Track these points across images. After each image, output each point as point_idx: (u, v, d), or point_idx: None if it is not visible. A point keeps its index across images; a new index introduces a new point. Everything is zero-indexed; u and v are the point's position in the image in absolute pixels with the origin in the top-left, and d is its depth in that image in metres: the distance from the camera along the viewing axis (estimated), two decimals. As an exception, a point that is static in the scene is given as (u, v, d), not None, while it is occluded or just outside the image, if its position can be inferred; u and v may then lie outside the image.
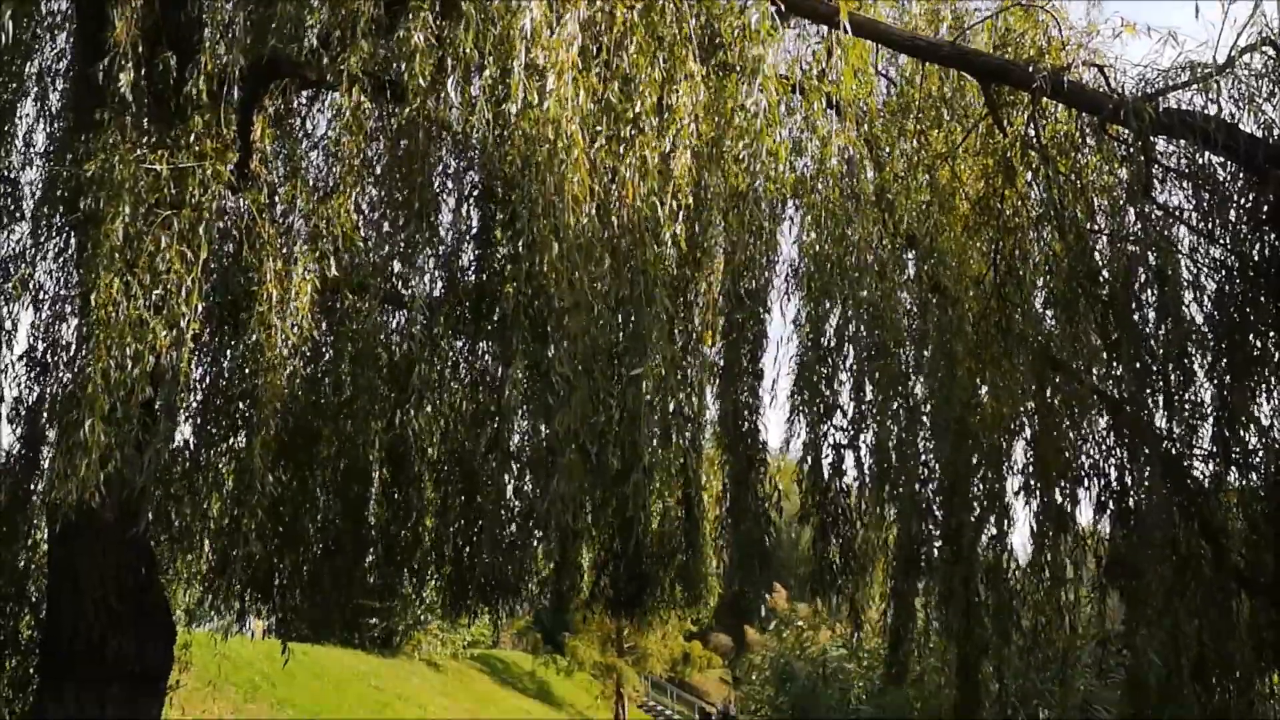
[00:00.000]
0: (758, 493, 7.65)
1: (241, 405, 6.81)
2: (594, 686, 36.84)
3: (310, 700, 17.85)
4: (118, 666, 7.04)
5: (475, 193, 7.93)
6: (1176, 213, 6.38)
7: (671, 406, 6.67)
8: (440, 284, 8.23)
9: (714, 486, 8.29)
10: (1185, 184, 6.37)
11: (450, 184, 8.04)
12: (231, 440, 7.18)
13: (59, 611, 7.15)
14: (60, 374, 6.68)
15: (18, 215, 7.38)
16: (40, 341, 7.18)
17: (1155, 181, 6.31)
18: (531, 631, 40.58)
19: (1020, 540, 7.24)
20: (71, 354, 6.09)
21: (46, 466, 6.73)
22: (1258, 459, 5.97)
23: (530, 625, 40.94)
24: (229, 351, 7.28)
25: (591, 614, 9.31)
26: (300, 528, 7.81)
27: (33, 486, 7.20)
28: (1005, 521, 6.83)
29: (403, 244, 7.90)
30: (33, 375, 7.23)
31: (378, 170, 7.38)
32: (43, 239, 7.25)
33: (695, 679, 46.94)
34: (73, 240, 7.07)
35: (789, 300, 7.91)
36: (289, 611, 8.79)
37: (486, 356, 8.05)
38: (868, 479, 7.45)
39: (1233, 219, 6.10)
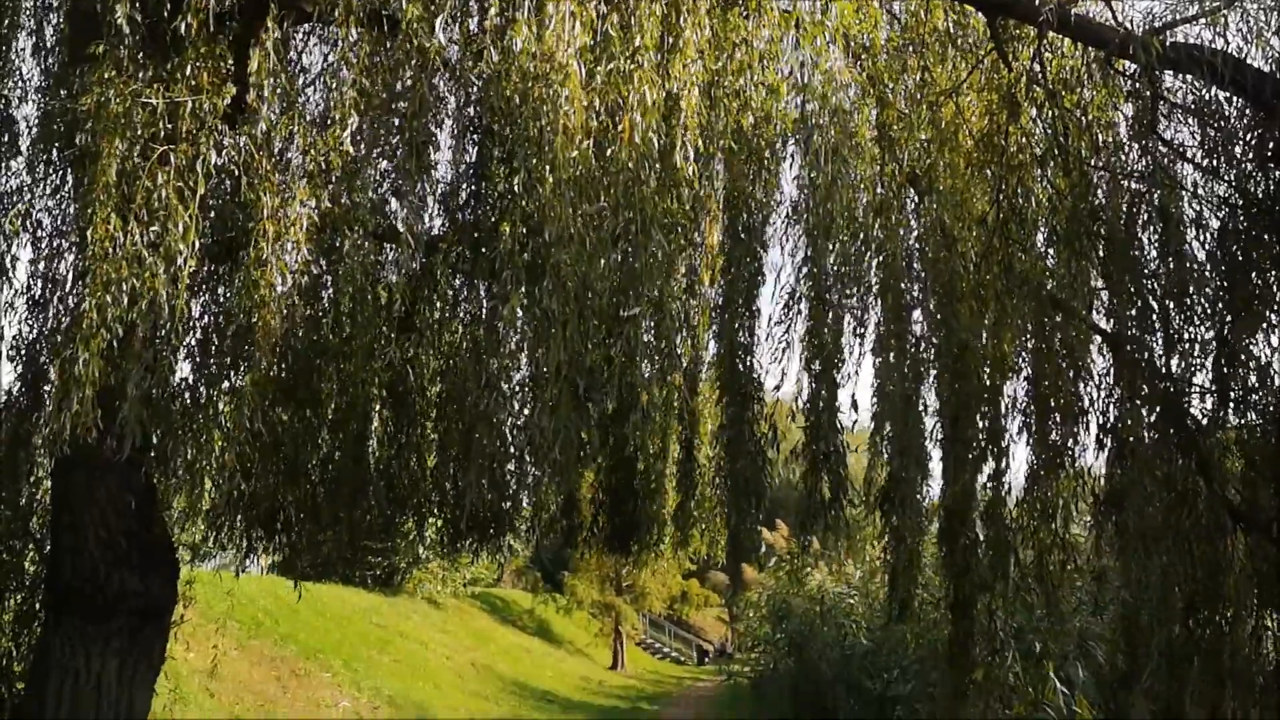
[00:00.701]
0: (754, 430, 7.69)
1: (241, 344, 6.80)
2: (593, 625, 37.32)
3: (312, 636, 18.06)
4: (121, 601, 7.12)
5: (473, 129, 7.86)
6: (1181, 150, 6.32)
7: (667, 347, 6.67)
8: (439, 221, 8.20)
9: (709, 425, 8.32)
10: (1191, 120, 6.31)
11: (449, 120, 7.96)
12: (231, 378, 7.18)
13: (61, 547, 7.21)
14: (58, 311, 6.67)
15: (14, 151, 7.31)
16: (39, 278, 7.16)
17: (1161, 118, 6.24)
18: (530, 571, 40.99)
19: (1020, 479, 7.25)
20: (69, 290, 6.08)
21: (46, 403, 6.76)
22: (1256, 397, 5.98)
23: (529, 564, 41.38)
24: (227, 290, 7.25)
25: (589, 550, 9.41)
26: (301, 467, 7.84)
27: (34, 423, 7.21)
28: (1003, 459, 6.87)
29: (400, 180, 7.86)
30: (32, 312, 7.22)
31: (375, 105, 7.30)
32: (40, 175, 7.19)
33: (693, 617, 47.58)
34: (69, 176, 7.03)
35: (787, 239, 7.91)
36: (292, 549, 8.85)
37: (484, 295, 8.04)
38: (865, 416, 7.50)
39: (1238, 155, 6.05)
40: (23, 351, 7.35)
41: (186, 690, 11.62)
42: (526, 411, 6.62)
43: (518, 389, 6.59)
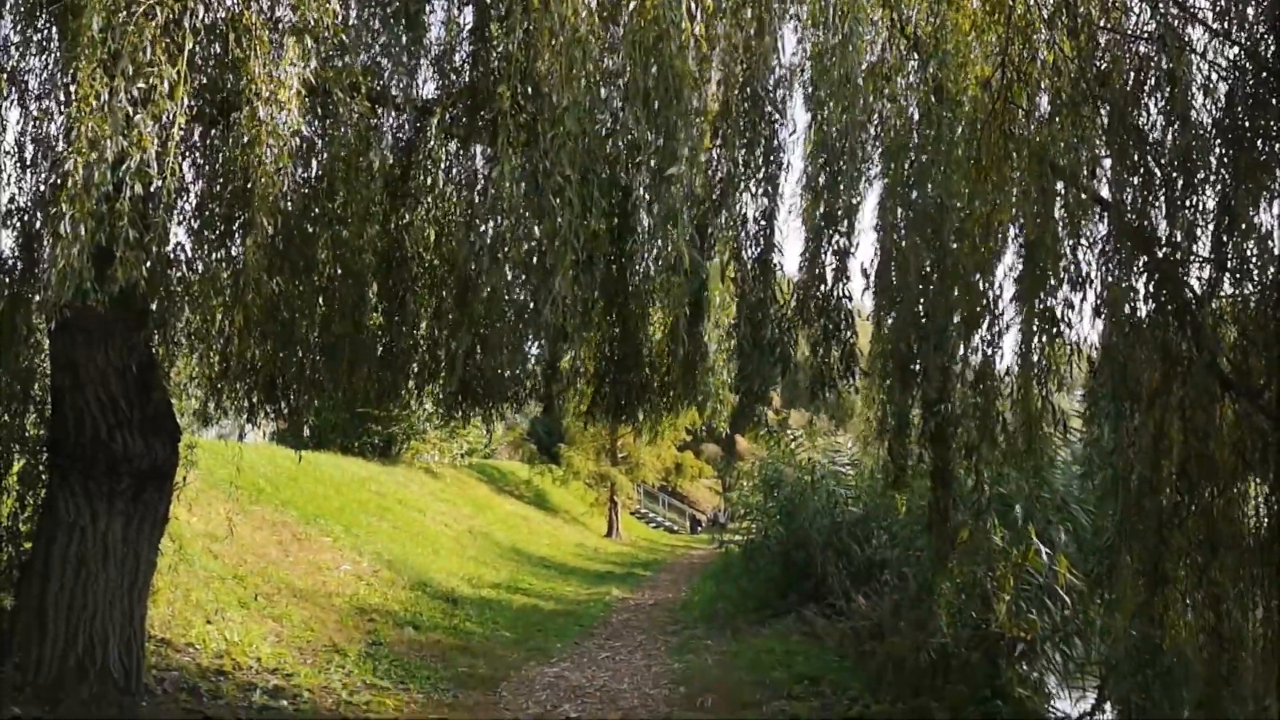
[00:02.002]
0: (775, 296, 7.74)
1: (236, 208, 6.73)
2: (588, 495, 38.00)
3: (311, 503, 18.38)
4: (124, 462, 7.23)
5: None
6: (1192, 11, 6.16)
7: (678, 214, 6.61)
8: (433, 85, 8.06)
9: (726, 292, 8.34)
10: (1204, -19, 6.15)
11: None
12: (228, 244, 7.14)
13: (62, 410, 7.27)
14: (48, 172, 6.59)
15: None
16: (29, 140, 7.06)
17: (1173, -23, 6.08)
18: (526, 443, 41.54)
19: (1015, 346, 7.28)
20: (58, 150, 5.99)
21: (41, 266, 6.73)
22: (1253, 265, 5.96)
23: (525, 437, 41.93)
24: (221, 155, 7.14)
25: (594, 420, 9.50)
26: (299, 333, 7.86)
27: (32, 286, 7.19)
28: (996, 326, 6.88)
29: (392, 42, 7.69)
30: (23, 175, 7.15)
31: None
32: (26, 34, 7.01)
33: (686, 488, 48.46)
34: (55, 33, 6.86)
35: (789, 109, 7.81)
36: (292, 414, 8.94)
37: (479, 159, 7.95)
38: (868, 285, 7.54)
39: (1250, 17, 5.91)
40: (15, 215, 7.30)
41: (190, 552, 11.87)
42: (524, 277, 6.62)
43: (515, 253, 6.55)
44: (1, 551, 7.94)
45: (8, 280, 7.36)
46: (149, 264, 5.50)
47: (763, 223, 7.82)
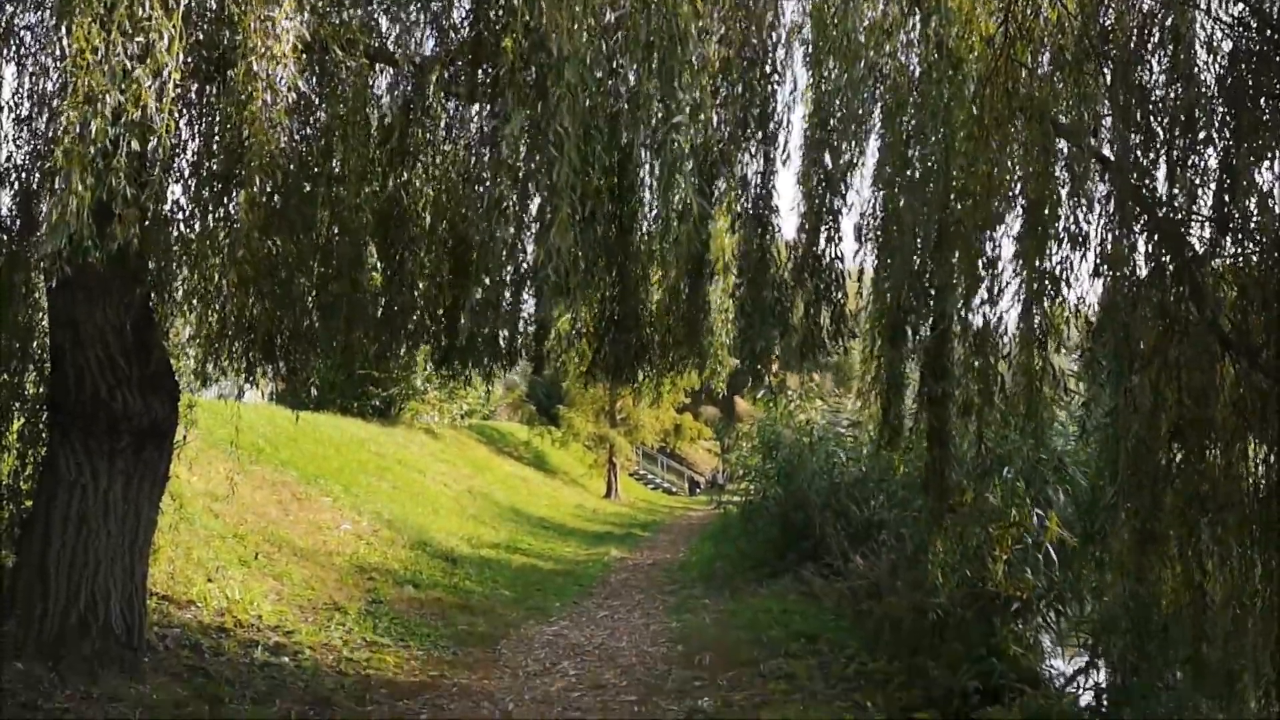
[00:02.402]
0: (774, 255, 7.72)
1: (233, 166, 6.69)
2: (587, 456, 38.15)
3: (311, 463, 18.44)
4: (124, 421, 7.25)
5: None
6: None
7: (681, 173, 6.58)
8: (431, 42, 7.99)
9: (726, 250, 8.31)
10: (1211, -65, 6.06)
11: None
12: (225, 202, 7.10)
13: (62, 368, 7.28)
14: (45, 125, 6.56)
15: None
16: (26, 96, 7.01)
17: (1179, -69, 6.00)
18: (526, 404, 41.65)
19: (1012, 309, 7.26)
20: (54, 105, 5.95)
21: (40, 224, 6.71)
22: (1254, 225, 5.93)
23: (524, 398, 42.04)
24: (217, 112, 7.09)
25: (594, 381, 9.48)
26: (297, 293, 7.83)
27: (31, 244, 7.17)
28: (996, 286, 6.86)
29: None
30: (20, 131, 7.10)
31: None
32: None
33: (684, 450, 48.63)
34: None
35: (789, 68, 7.75)
36: (290, 374, 8.92)
37: (478, 118, 7.90)
38: (864, 245, 7.51)
39: (1257, -27, 5.84)
40: (13, 173, 7.26)
41: (191, 510, 11.93)
42: (525, 234, 6.60)
43: (519, 212, 6.53)
44: (3, 509, 7.97)
45: (6, 238, 7.34)
46: (145, 222, 5.49)
47: (761, 183, 7.79)
